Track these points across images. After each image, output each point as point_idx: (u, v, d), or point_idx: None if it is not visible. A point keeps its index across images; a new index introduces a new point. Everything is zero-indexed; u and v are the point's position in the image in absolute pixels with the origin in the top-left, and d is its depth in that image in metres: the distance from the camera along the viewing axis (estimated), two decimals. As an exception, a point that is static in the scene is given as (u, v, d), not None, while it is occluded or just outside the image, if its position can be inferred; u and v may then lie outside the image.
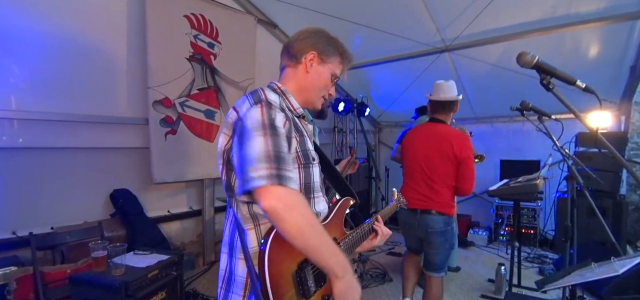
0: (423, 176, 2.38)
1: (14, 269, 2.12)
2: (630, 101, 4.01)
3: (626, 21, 3.01)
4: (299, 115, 1.18)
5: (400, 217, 2.46)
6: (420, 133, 2.48)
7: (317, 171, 1.15)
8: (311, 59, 1.17)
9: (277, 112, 1.00)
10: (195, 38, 3.34)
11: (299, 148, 1.08)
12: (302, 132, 1.12)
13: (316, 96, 1.21)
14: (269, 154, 0.92)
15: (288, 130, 1.02)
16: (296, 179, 0.98)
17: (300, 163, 1.09)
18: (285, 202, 0.90)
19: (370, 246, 1.35)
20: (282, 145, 0.96)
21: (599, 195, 3.54)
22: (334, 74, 1.22)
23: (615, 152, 1.01)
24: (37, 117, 2.47)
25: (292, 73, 1.19)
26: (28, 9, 2.41)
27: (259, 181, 0.89)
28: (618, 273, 1.37)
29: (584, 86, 1.02)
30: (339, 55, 1.23)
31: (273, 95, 1.06)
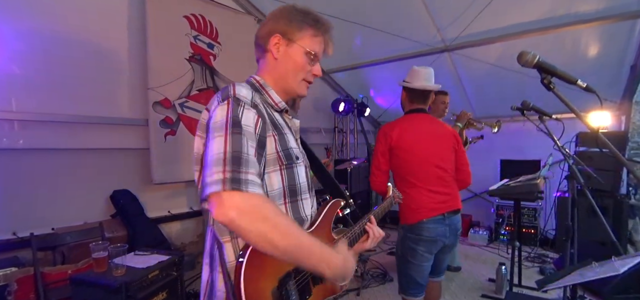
0: (437, 173, 2.07)
1: (14, 269, 2.12)
2: (631, 101, 4.00)
3: (626, 20, 3.00)
4: (281, 110, 1.08)
5: (426, 232, 2.00)
6: (416, 127, 2.13)
7: (302, 171, 1.06)
8: (276, 43, 1.04)
9: (246, 108, 0.90)
10: (195, 39, 3.34)
11: (278, 147, 0.98)
12: (282, 130, 1.01)
13: (294, 82, 1.08)
14: (226, 156, 0.82)
15: (261, 129, 0.92)
16: (258, 182, 0.84)
17: (281, 164, 0.99)
18: (240, 209, 0.78)
19: (361, 249, 1.23)
20: (244, 145, 0.85)
21: (600, 195, 3.53)
22: (309, 51, 1.05)
23: (616, 152, 1.01)
24: (38, 118, 2.47)
25: (264, 63, 1.09)
26: (28, 10, 2.41)
27: (213, 187, 0.79)
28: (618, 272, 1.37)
29: (585, 86, 1.02)
30: (309, 27, 1.06)
31: (244, 91, 0.94)
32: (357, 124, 5.58)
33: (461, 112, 3.28)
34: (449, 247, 2.13)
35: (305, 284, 0.99)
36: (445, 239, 2.05)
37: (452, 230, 2.07)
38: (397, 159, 2.09)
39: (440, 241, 2.04)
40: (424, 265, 2.06)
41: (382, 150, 2.12)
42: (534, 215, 4.54)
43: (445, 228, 2.03)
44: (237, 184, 0.79)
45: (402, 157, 2.08)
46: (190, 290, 2.92)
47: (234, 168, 0.81)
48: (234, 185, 0.79)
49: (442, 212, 2.02)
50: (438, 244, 2.04)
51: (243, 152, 0.84)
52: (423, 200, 2.02)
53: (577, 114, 1.05)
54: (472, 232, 4.88)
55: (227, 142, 0.84)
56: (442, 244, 2.06)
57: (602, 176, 3.12)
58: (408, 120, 2.17)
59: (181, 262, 2.35)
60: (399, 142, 2.07)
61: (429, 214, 2.00)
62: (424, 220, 2.00)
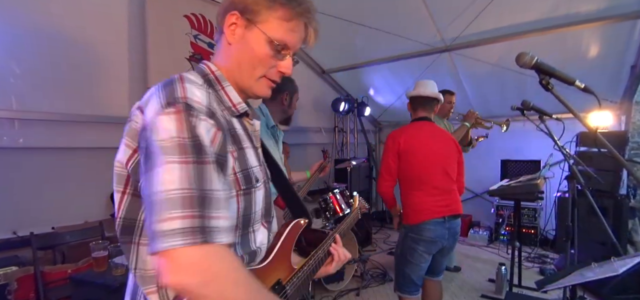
0: (441, 178, 2.16)
1: (14, 268, 2.13)
2: (631, 101, 4.00)
3: (626, 21, 3.00)
4: (240, 114, 0.83)
5: (427, 233, 2.09)
6: (422, 135, 2.23)
7: (260, 196, 0.83)
8: (233, 23, 0.78)
9: (202, 119, 0.66)
10: (196, 38, 3.34)
11: (237, 168, 0.75)
12: (241, 143, 0.79)
13: (250, 78, 0.81)
14: (187, 193, 0.60)
15: (219, 146, 0.68)
16: (228, 225, 0.65)
17: (239, 188, 0.76)
18: (207, 271, 0.59)
19: (325, 273, 1.07)
20: (209, 177, 0.63)
21: (600, 195, 3.53)
22: (272, 39, 0.78)
23: (615, 152, 1.01)
24: (38, 117, 2.47)
25: (219, 48, 0.83)
26: (28, 10, 2.41)
27: (167, 240, 0.57)
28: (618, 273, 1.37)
29: (583, 86, 1.02)
30: (280, 7, 0.78)
31: (198, 93, 0.69)
32: (357, 123, 5.58)
33: (468, 111, 3.29)
34: (447, 249, 2.22)
35: None
36: (444, 241, 2.14)
37: (451, 233, 2.16)
38: (404, 163, 2.19)
39: (439, 242, 2.13)
40: (421, 265, 2.15)
41: (392, 155, 2.21)
42: (534, 215, 4.54)
43: (445, 231, 2.12)
44: (202, 234, 0.59)
45: (409, 161, 2.18)
46: (190, 290, 2.92)
47: (200, 211, 0.60)
48: (198, 236, 0.58)
49: (444, 215, 2.11)
50: (437, 245, 2.13)
51: (208, 188, 0.62)
52: (426, 202, 2.12)
53: (575, 114, 1.05)
54: (472, 232, 4.88)
55: (189, 173, 0.61)
56: (440, 246, 2.15)
57: (602, 176, 3.12)
58: (414, 127, 2.28)
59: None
60: (406, 147, 2.18)
61: (431, 215, 2.09)
62: (425, 221, 2.09)
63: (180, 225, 0.58)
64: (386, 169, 2.23)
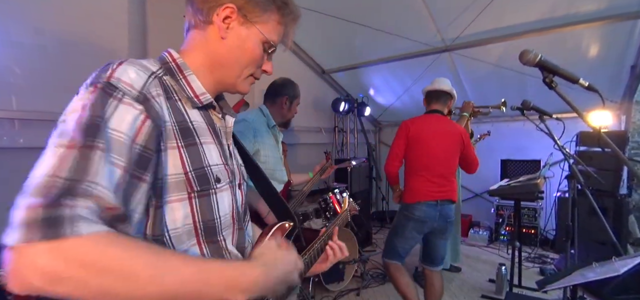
0: (439, 167, 2.39)
1: (14, 269, 2.12)
2: (631, 100, 4.01)
3: (627, 20, 3.00)
4: (205, 106, 0.76)
5: (418, 212, 2.35)
6: (430, 125, 2.47)
7: (226, 198, 0.75)
8: (227, 17, 0.74)
9: (124, 102, 0.59)
10: (196, 38, 3.34)
11: (188, 165, 0.67)
12: (195, 138, 0.70)
13: (238, 76, 0.79)
14: (48, 182, 0.51)
15: (147, 137, 0.60)
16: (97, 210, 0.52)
17: (191, 190, 0.68)
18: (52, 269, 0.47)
19: (320, 270, 1.04)
20: (95, 171, 0.52)
21: (600, 195, 3.53)
22: (267, 40, 0.78)
23: (618, 151, 1.01)
24: (38, 117, 2.46)
25: (199, 38, 0.78)
26: (28, 9, 2.41)
27: (12, 233, 0.48)
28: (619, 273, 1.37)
29: (587, 84, 1.02)
30: (275, 9, 0.77)
31: (133, 73, 0.63)
32: (357, 123, 5.58)
33: (464, 103, 3.30)
34: (438, 232, 2.42)
35: None
36: (434, 222, 2.37)
37: (442, 216, 2.38)
38: (410, 148, 2.46)
39: (428, 223, 2.37)
40: (408, 241, 2.43)
41: (401, 140, 2.48)
42: (534, 215, 4.54)
43: (436, 213, 2.36)
44: (53, 226, 0.47)
45: (414, 148, 2.44)
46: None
47: (54, 201, 0.49)
48: (49, 230, 0.47)
49: (436, 198, 2.36)
50: (426, 224, 2.38)
51: (84, 180, 0.52)
52: (422, 186, 2.37)
53: (579, 113, 1.05)
54: (472, 232, 4.88)
55: (67, 158, 0.52)
56: (431, 226, 2.39)
57: (603, 176, 3.12)
58: (425, 118, 2.53)
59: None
60: (414, 135, 2.44)
61: (424, 198, 2.36)
62: (418, 201, 2.36)
63: (27, 217, 0.49)
64: (394, 152, 2.49)
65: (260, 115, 2.13)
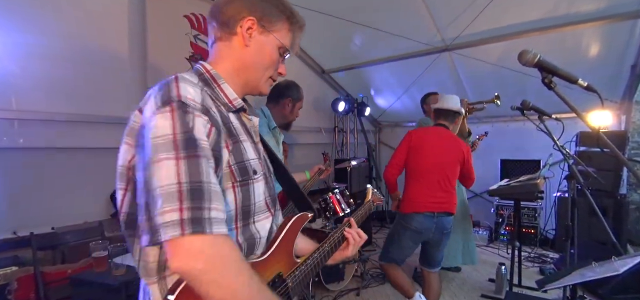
0: (438, 178, 2.38)
1: (14, 269, 2.12)
2: (631, 100, 4.01)
3: (626, 20, 3.00)
4: (237, 110, 0.88)
5: (415, 223, 2.36)
6: (432, 136, 2.48)
7: (260, 187, 0.87)
8: (249, 28, 0.86)
9: (196, 115, 0.70)
10: (196, 38, 3.34)
11: (232, 161, 0.79)
12: (237, 138, 0.83)
13: (261, 77, 0.92)
14: (182, 189, 0.64)
15: (214, 141, 0.73)
16: (224, 217, 0.69)
17: (235, 180, 0.80)
18: (206, 259, 0.64)
19: (342, 258, 1.12)
20: (204, 171, 0.67)
21: (600, 195, 3.53)
22: (281, 46, 0.91)
23: (617, 152, 1.01)
24: (38, 117, 2.47)
25: (225, 49, 0.89)
26: (28, 9, 2.41)
27: (167, 232, 0.62)
28: (618, 272, 1.37)
29: (585, 85, 1.02)
30: (286, 20, 0.91)
31: (191, 89, 0.73)
32: (357, 123, 5.58)
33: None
34: (435, 243, 2.42)
35: None
36: (430, 234, 2.36)
37: (438, 228, 2.36)
38: (410, 158, 2.46)
39: (424, 234, 2.37)
40: (404, 250, 2.44)
41: (402, 148, 2.50)
42: (534, 215, 4.54)
43: (432, 224, 2.34)
44: (199, 225, 0.63)
45: (414, 158, 2.45)
46: (190, 290, 2.91)
47: (195, 204, 0.64)
48: (196, 227, 0.63)
49: (434, 210, 2.34)
50: (422, 236, 2.38)
51: (204, 180, 0.66)
52: (420, 197, 2.37)
53: (578, 113, 1.05)
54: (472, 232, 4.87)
55: (182, 169, 0.65)
56: (426, 238, 2.39)
57: (602, 176, 3.12)
58: (431, 130, 2.57)
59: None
60: (416, 145, 2.46)
61: (421, 209, 2.35)
62: (415, 212, 2.36)
63: (177, 218, 0.62)
64: (394, 159, 2.51)
65: (262, 116, 2.14)
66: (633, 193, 4.44)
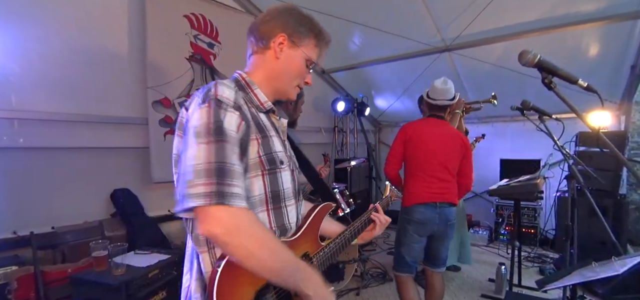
0: (438, 169, 2.34)
1: (14, 268, 2.12)
2: (631, 101, 4.01)
3: (626, 21, 3.00)
4: (268, 111, 1.04)
5: (417, 215, 2.31)
6: (430, 127, 2.43)
7: (287, 176, 1.01)
8: (281, 43, 1.02)
9: (228, 111, 0.87)
10: (195, 38, 3.34)
11: (261, 151, 0.94)
12: (266, 132, 0.97)
13: (289, 85, 1.07)
14: (210, 167, 0.79)
15: (243, 133, 0.89)
16: (243, 193, 0.83)
17: (264, 169, 0.94)
18: (227, 225, 0.78)
19: (370, 237, 1.32)
20: (229, 155, 0.82)
21: (600, 195, 3.53)
22: (308, 59, 1.05)
23: (617, 152, 1.01)
24: (38, 117, 2.47)
25: (260, 60, 1.05)
26: (27, 9, 2.41)
27: (195, 200, 0.77)
28: (618, 273, 1.37)
29: (585, 85, 1.02)
30: (314, 37, 1.05)
31: (227, 91, 0.90)
32: (357, 123, 5.58)
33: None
34: (440, 236, 2.37)
35: (285, 295, 0.94)
36: (434, 225, 2.32)
37: (442, 219, 2.33)
38: (408, 151, 2.42)
39: (429, 225, 2.33)
40: (413, 246, 2.37)
41: (399, 142, 2.47)
42: (533, 215, 4.55)
43: (435, 215, 2.31)
44: (222, 198, 0.78)
45: (411, 150, 2.41)
46: (190, 290, 2.91)
47: (219, 180, 0.78)
48: (220, 199, 0.77)
49: (435, 200, 2.31)
50: (427, 227, 2.33)
51: (229, 162, 0.81)
52: (420, 188, 2.34)
53: (578, 114, 1.05)
54: (472, 232, 4.88)
55: (211, 150, 0.80)
56: (431, 229, 2.34)
57: (602, 176, 3.12)
58: (425, 122, 2.51)
59: (181, 261, 2.35)
60: (412, 137, 2.41)
61: (422, 200, 2.32)
62: (416, 204, 2.33)
63: (204, 190, 0.77)
64: (391, 154, 2.48)
65: None
66: (633, 193, 4.44)
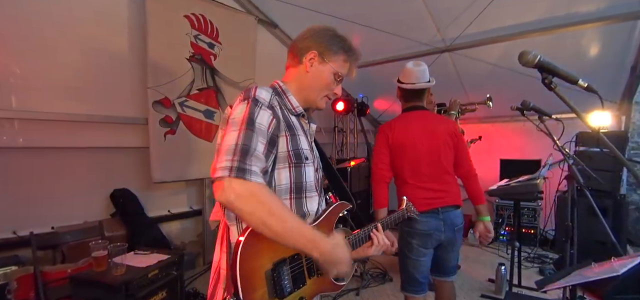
0: (431, 170, 2.07)
1: (14, 268, 2.12)
2: (631, 101, 4.01)
3: (626, 21, 3.00)
4: (299, 115, 1.18)
5: (420, 225, 2.02)
6: (412, 124, 2.13)
7: (310, 171, 1.15)
8: (312, 58, 1.15)
9: (263, 109, 1.02)
10: (196, 38, 3.34)
11: (290, 147, 1.08)
12: (295, 131, 1.11)
13: (317, 96, 1.20)
14: (237, 147, 0.94)
15: (274, 128, 1.03)
16: (261, 174, 0.97)
17: (291, 162, 1.09)
18: (239, 192, 0.90)
19: (365, 255, 1.30)
20: (254, 141, 0.96)
21: (600, 195, 3.53)
22: (337, 72, 1.18)
23: (617, 152, 1.01)
24: (38, 117, 2.47)
25: (294, 72, 1.19)
26: (28, 10, 2.41)
27: (219, 172, 0.92)
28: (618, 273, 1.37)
29: (586, 85, 1.01)
30: (343, 53, 1.18)
31: (264, 93, 1.06)
32: (357, 123, 5.58)
33: (450, 101, 3.24)
34: (448, 244, 2.11)
35: (300, 272, 1.07)
36: (441, 233, 2.05)
37: (448, 225, 2.06)
38: (394, 158, 2.13)
39: (434, 235, 2.04)
40: (420, 260, 2.07)
41: (382, 150, 2.17)
42: (533, 215, 4.54)
43: (439, 222, 2.04)
44: (241, 172, 0.91)
45: (396, 155, 2.12)
46: (190, 289, 2.92)
47: (241, 158, 0.93)
48: (239, 173, 0.91)
49: (436, 206, 2.03)
50: (432, 238, 2.05)
51: (252, 147, 0.95)
52: (416, 196, 2.00)
53: (578, 114, 1.04)
54: (471, 232, 4.87)
55: (240, 135, 0.96)
56: (438, 239, 2.06)
57: (602, 176, 3.12)
58: (404, 118, 2.19)
59: (181, 261, 2.36)
60: (394, 141, 2.12)
61: (421, 208, 1.96)
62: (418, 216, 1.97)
63: (228, 164, 0.92)
64: (380, 159, 2.17)
65: None
66: (633, 193, 4.44)
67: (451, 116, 3.21)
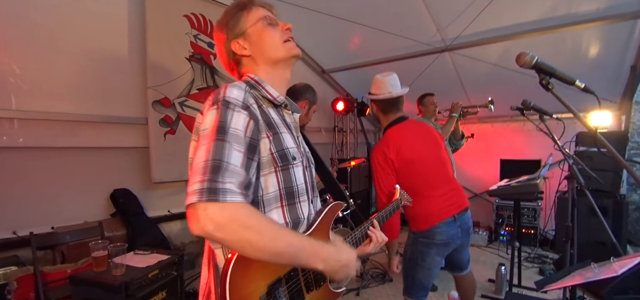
0: (441, 178, 2.08)
1: (14, 268, 2.13)
2: (631, 101, 4.00)
3: (626, 20, 3.00)
4: (280, 105, 1.05)
5: (440, 236, 1.98)
6: (410, 135, 2.10)
7: (299, 172, 1.01)
8: (239, 46, 1.04)
9: (236, 111, 0.86)
10: (196, 38, 3.34)
11: (273, 148, 0.94)
12: (277, 129, 0.97)
13: (279, 50, 1.05)
14: (206, 164, 0.78)
15: (252, 132, 0.88)
16: (237, 190, 0.79)
17: (276, 165, 0.94)
18: (218, 221, 0.75)
19: (363, 253, 1.24)
20: (227, 152, 0.80)
21: (600, 195, 3.53)
22: (259, 19, 1.04)
23: (614, 152, 1.01)
24: (38, 116, 2.47)
25: (248, 66, 1.07)
26: (28, 10, 2.41)
27: (189, 198, 0.76)
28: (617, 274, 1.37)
29: (583, 86, 1.02)
30: (241, 11, 1.05)
31: (235, 91, 0.90)
32: (357, 123, 5.58)
33: (452, 104, 3.26)
34: (461, 245, 2.13)
35: (298, 290, 0.95)
36: (457, 240, 2.05)
37: (464, 231, 2.08)
38: (400, 175, 2.03)
39: (452, 243, 2.04)
40: (433, 271, 2.05)
41: (388, 172, 2.04)
42: (533, 215, 4.54)
43: (457, 229, 2.03)
44: (213, 194, 0.75)
45: (407, 173, 2.03)
46: (190, 290, 2.92)
47: (212, 176, 0.76)
48: (211, 195, 0.74)
49: (453, 213, 2.01)
50: (450, 246, 2.05)
51: (224, 160, 0.79)
52: (433, 206, 2.00)
53: (575, 114, 1.05)
54: (471, 232, 4.88)
55: (211, 150, 0.80)
56: (454, 246, 2.07)
57: (602, 176, 3.12)
58: (400, 133, 2.10)
59: (181, 262, 2.36)
60: (402, 160, 2.02)
61: (440, 218, 1.99)
62: (436, 224, 1.99)
63: (197, 187, 0.75)
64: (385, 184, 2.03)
65: None
66: (633, 193, 4.43)
67: (452, 118, 3.22)
